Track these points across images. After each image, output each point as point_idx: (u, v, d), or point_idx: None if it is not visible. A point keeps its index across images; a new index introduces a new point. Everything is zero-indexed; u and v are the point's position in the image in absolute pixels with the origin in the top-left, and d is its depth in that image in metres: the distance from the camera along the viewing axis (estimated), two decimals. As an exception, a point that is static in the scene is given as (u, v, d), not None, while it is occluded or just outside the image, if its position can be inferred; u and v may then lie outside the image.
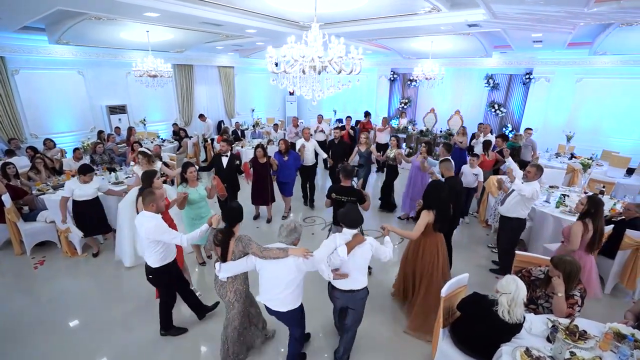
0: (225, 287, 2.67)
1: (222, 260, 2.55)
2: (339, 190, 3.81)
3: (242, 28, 6.13)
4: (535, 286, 2.75)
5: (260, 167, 5.35)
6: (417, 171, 5.50)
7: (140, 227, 2.82)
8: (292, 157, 5.63)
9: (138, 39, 7.12)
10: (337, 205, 3.84)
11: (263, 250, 2.41)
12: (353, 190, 3.79)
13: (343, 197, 3.74)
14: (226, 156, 5.14)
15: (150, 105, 10.22)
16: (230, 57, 11.72)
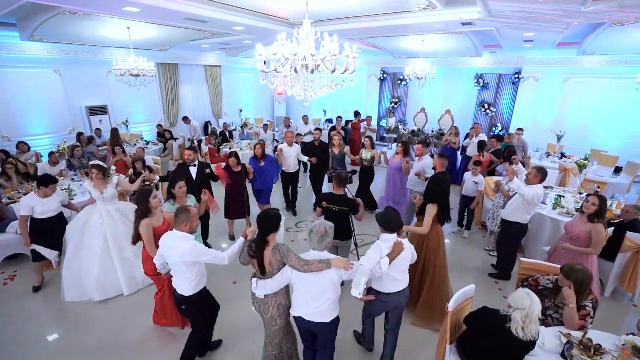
0: (267, 303, 2.44)
1: (261, 273, 2.39)
2: (331, 199, 3.47)
3: (229, 25, 5.87)
4: (544, 296, 2.62)
5: (235, 177, 4.82)
6: (396, 172, 5.28)
7: (173, 250, 2.48)
8: (269, 162, 5.20)
9: (119, 36, 6.76)
10: (328, 216, 3.47)
11: (304, 265, 2.24)
12: (346, 199, 3.48)
13: (335, 206, 3.41)
14: (194, 166, 4.53)
15: (133, 106, 9.80)
16: (217, 56, 11.38)
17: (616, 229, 3.77)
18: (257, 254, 2.34)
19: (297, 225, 5.66)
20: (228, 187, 4.83)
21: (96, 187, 3.87)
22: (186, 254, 2.45)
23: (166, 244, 2.56)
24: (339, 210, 3.41)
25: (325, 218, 3.45)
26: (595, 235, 3.15)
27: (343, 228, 3.48)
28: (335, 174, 3.67)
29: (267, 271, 2.35)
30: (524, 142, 7.14)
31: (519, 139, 7.08)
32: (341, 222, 3.43)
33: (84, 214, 3.93)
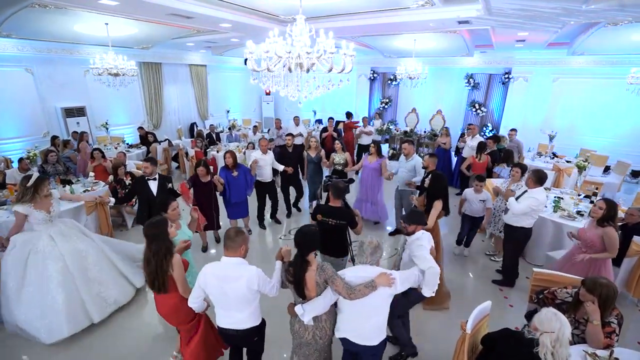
0: (313, 325, 2.23)
1: (300, 297, 2.20)
2: (327, 212, 3.16)
3: (215, 21, 5.55)
4: (562, 311, 2.44)
5: (203, 187, 4.44)
6: (373, 173, 5.19)
7: (235, 282, 2.08)
8: (243, 173, 4.71)
9: (96, 32, 6.32)
10: (323, 229, 3.02)
11: (350, 293, 2.08)
12: (343, 211, 3.18)
13: (330, 219, 3.11)
14: (154, 179, 3.94)
15: (113, 107, 9.29)
16: (202, 54, 10.97)
17: (621, 232, 3.68)
18: (298, 277, 2.14)
19: (290, 232, 5.39)
20: (196, 201, 4.34)
21: (38, 207, 3.13)
22: (254, 281, 2.10)
23: (220, 276, 2.11)
24: (335, 224, 3.12)
25: (321, 232, 3.18)
26: (607, 239, 3.10)
27: (338, 243, 3.24)
28: (331, 183, 3.37)
29: (311, 295, 2.17)
30: (519, 143, 7.08)
31: (513, 139, 7.03)
32: (337, 237, 3.19)
33: (21, 245, 3.15)
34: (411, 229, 2.72)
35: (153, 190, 3.94)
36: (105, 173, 5.81)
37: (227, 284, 2.11)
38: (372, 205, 5.35)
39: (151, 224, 2.37)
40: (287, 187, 5.73)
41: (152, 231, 2.35)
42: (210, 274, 2.14)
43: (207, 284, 2.14)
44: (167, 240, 2.37)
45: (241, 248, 2.16)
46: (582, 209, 4.57)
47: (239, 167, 4.67)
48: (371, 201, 5.34)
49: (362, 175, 5.42)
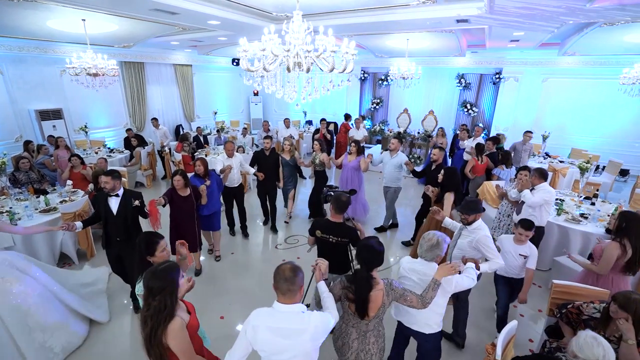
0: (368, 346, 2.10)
1: (360, 316, 2.01)
2: (327, 228, 2.81)
3: (203, 18, 5.22)
4: (590, 327, 2.29)
5: (182, 203, 3.77)
6: (354, 172, 5.25)
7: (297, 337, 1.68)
8: (215, 181, 4.34)
9: (72, 29, 5.88)
10: (322, 247, 2.87)
11: (425, 303, 2.05)
12: (345, 227, 2.79)
13: (331, 236, 2.78)
14: (116, 196, 3.26)
15: (93, 109, 8.78)
16: (187, 54, 10.55)
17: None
18: (364, 296, 1.96)
19: (287, 241, 5.12)
20: (174, 219, 3.80)
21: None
22: (320, 331, 1.73)
23: (278, 329, 1.68)
24: (336, 241, 2.78)
25: (318, 250, 2.91)
26: (604, 252, 2.79)
27: (340, 260, 2.91)
28: (332, 195, 3.07)
29: (373, 315, 2.02)
30: (531, 146, 6.89)
31: (527, 143, 6.78)
32: (338, 254, 2.85)
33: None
34: (471, 218, 2.81)
35: (112, 209, 3.22)
36: (84, 181, 5.38)
37: (287, 339, 1.67)
38: (355, 203, 5.34)
39: (158, 273, 1.75)
40: (262, 193, 5.36)
41: (159, 283, 1.71)
42: (264, 328, 1.67)
43: (258, 340, 1.68)
44: (174, 296, 1.77)
45: (300, 290, 1.76)
46: (584, 211, 4.50)
47: (210, 175, 4.28)
48: (355, 200, 5.29)
49: (343, 174, 5.39)
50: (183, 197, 3.78)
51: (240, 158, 5.03)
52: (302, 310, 1.73)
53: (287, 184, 5.44)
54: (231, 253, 4.74)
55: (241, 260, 4.61)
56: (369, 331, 2.08)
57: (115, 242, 3.30)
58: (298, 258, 4.54)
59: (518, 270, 3.08)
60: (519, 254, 3.03)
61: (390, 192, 5.18)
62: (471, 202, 2.83)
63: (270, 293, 1.84)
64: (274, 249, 4.92)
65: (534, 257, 3.00)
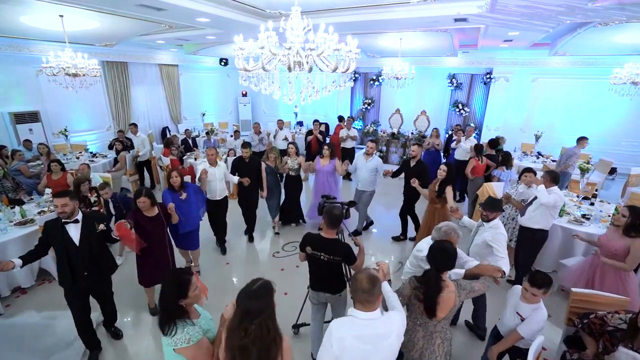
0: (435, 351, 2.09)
1: (428, 316, 2.04)
2: (318, 244, 2.55)
3: (191, 15, 4.95)
4: (615, 339, 2.19)
5: (150, 224, 3.22)
6: (329, 176, 5.09)
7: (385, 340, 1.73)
8: (193, 192, 3.87)
9: (49, 26, 5.50)
10: (313, 265, 2.66)
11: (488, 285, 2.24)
12: (339, 244, 2.56)
13: (322, 254, 2.51)
14: (75, 221, 2.69)
15: (73, 111, 8.31)
16: (173, 53, 10.17)
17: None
18: (433, 298, 1.98)
19: (284, 248, 4.91)
20: (143, 245, 3.17)
21: None
22: (402, 329, 1.80)
23: (365, 337, 1.67)
24: (328, 260, 2.50)
25: (309, 268, 2.68)
26: (633, 251, 2.90)
27: (334, 279, 2.67)
28: (325, 208, 2.86)
29: (443, 316, 2.03)
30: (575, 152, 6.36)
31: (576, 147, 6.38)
32: (331, 272, 2.62)
33: None
34: (492, 216, 2.92)
35: (74, 238, 2.68)
36: (64, 187, 5.04)
37: (375, 345, 1.67)
38: None
39: (257, 294, 1.58)
40: (243, 202, 5.00)
41: (258, 305, 1.55)
42: (350, 338, 1.65)
43: (346, 351, 1.65)
44: (274, 316, 1.61)
45: (379, 299, 1.71)
46: (584, 212, 4.48)
47: (187, 187, 3.82)
48: None
49: (317, 179, 5.22)
50: (150, 217, 3.22)
51: (224, 167, 4.60)
52: (382, 313, 1.75)
53: (274, 195, 5.10)
54: (226, 263, 4.50)
55: (238, 271, 4.37)
56: (436, 332, 2.08)
57: (82, 277, 2.75)
58: (297, 267, 4.34)
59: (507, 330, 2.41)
60: (517, 312, 2.34)
61: (366, 195, 5.06)
62: (495, 201, 2.99)
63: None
64: (272, 257, 4.69)
65: (531, 324, 2.22)
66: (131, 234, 2.93)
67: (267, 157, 5.04)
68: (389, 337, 1.69)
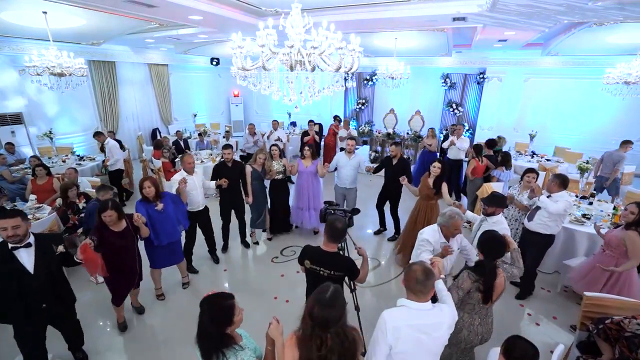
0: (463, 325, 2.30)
1: (484, 302, 2.21)
2: (318, 258, 2.36)
3: (183, 12, 4.77)
4: (633, 345, 2.14)
5: (120, 241, 2.92)
6: (312, 178, 4.96)
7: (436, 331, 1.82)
8: (170, 202, 3.53)
9: (31, 23, 5.25)
10: (312, 280, 2.45)
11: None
12: (340, 259, 2.39)
13: (322, 269, 2.33)
14: (26, 246, 2.30)
15: (58, 113, 7.99)
16: (162, 53, 9.90)
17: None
18: (491, 284, 2.16)
19: (283, 253, 4.77)
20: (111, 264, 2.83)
21: None
22: (453, 320, 1.86)
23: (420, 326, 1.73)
24: (329, 275, 2.32)
25: (307, 283, 2.53)
26: (629, 244, 2.91)
27: None
28: (326, 213, 2.72)
29: (495, 299, 2.24)
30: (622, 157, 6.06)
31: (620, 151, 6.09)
32: None
33: None
34: (490, 210, 3.03)
35: (27, 265, 2.27)
36: (50, 193, 4.81)
37: (428, 334, 1.74)
38: (313, 211, 5.04)
39: (332, 302, 1.50)
40: (227, 209, 4.62)
41: (335, 313, 1.49)
42: (406, 327, 1.70)
43: (401, 340, 1.70)
44: (346, 318, 1.57)
45: (431, 291, 1.79)
46: (584, 211, 4.47)
47: (163, 197, 3.48)
48: (313, 207, 5.03)
49: (299, 182, 5.05)
50: (117, 232, 2.88)
51: (202, 175, 4.24)
52: (435, 304, 1.81)
53: (261, 203, 4.80)
54: (224, 270, 4.34)
55: (235, 279, 4.21)
56: (488, 315, 2.33)
57: (39, 311, 2.38)
58: (298, 272, 4.21)
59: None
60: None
61: (353, 192, 5.07)
62: (498, 196, 3.10)
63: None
64: (271, 262, 4.54)
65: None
66: (97, 258, 2.54)
67: (255, 160, 4.69)
68: (441, 328, 1.75)
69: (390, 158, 4.96)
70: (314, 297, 1.55)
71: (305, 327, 1.51)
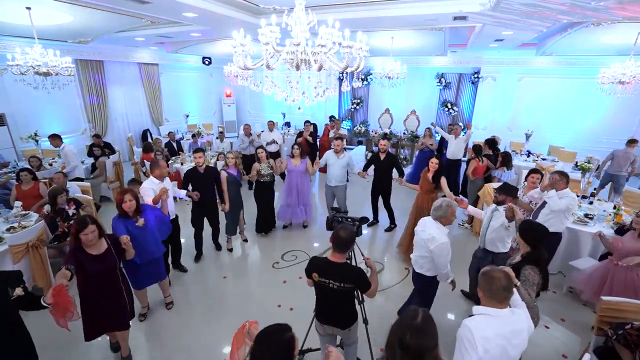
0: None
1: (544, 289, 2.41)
2: (326, 270, 2.22)
3: (178, 9, 4.58)
4: (656, 351, 2.08)
5: (100, 267, 2.47)
6: (300, 176, 5.07)
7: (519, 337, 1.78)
8: (152, 216, 3.16)
9: (14, 19, 4.98)
10: (321, 293, 2.34)
11: None
12: (350, 270, 2.24)
13: (331, 281, 2.19)
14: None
15: (44, 114, 7.67)
16: (152, 52, 9.63)
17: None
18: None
19: (284, 258, 4.63)
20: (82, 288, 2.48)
21: None
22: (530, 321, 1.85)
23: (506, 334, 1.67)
24: (338, 287, 2.18)
25: (317, 296, 2.38)
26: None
27: (344, 309, 2.34)
28: (333, 221, 2.61)
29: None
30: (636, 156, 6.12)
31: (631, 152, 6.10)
32: (341, 302, 2.30)
33: None
34: (501, 198, 3.13)
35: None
36: (37, 199, 4.57)
37: (512, 340, 1.67)
38: (303, 207, 5.26)
39: (426, 328, 1.36)
40: (199, 218, 4.34)
41: (430, 341, 1.35)
42: (494, 336, 1.63)
43: (490, 349, 1.61)
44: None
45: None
46: (586, 211, 4.47)
47: (143, 210, 3.11)
48: (302, 203, 5.24)
49: (289, 180, 5.15)
50: (97, 256, 2.43)
51: (169, 183, 3.89)
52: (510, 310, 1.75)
53: (236, 210, 4.59)
54: (223, 277, 4.17)
55: (238, 286, 4.05)
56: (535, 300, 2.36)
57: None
58: (300, 278, 4.08)
59: None
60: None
61: (341, 190, 5.17)
62: (510, 186, 3.26)
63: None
64: (272, 268, 4.39)
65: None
66: (70, 301, 2.08)
67: (226, 163, 4.40)
68: (523, 333, 1.72)
69: (379, 154, 5.08)
70: (402, 323, 1.40)
71: (392, 355, 1.34)
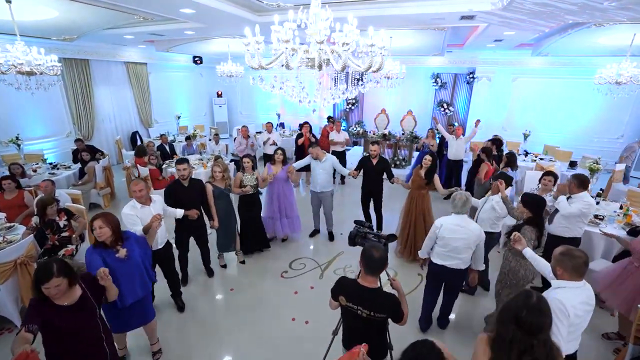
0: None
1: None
2: (354, 294, 2.00)
3: (175, 5, 4.32)
4: None
5: (73, 319, 1.93)
6: (283, 184, 4.68)
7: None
8: (136, 246, 2.59)
9: (-6, 15, 4.59)
10: (347, 319, 2.13)
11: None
12: (383, 297, 2.00)
13: (360, 308, 1.96)
14: None
15: (26, 116, 7.20)
16: (141, 50, 9.23)
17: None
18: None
19: (292, 266, 4.42)
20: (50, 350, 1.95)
21: None
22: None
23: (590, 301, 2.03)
24: (368, 315, 1.95)
25: (343, 321, 2.19)
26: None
27: (375, 343, 2.05)
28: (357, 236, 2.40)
29: None
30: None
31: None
32: (371, 334, 2.04)
33: None
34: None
35: None
36: (22, 208, 4.23)
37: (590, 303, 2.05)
38: (288, 219, 4.87)
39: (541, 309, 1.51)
40: (185, 239, 3.85)
41: (545, 319, 1.50)
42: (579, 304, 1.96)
43: (576, 315, 1.96)
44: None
45: None
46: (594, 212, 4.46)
47: (126, 238, 2.55)
48: (285, 216, 4.84)
49: (269, 189, 4.71)
50: (69, 307, 1.91)
51: (162, 202, 3.32)
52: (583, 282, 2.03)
53: (230, 224, 4.21)
54: (230, 289, 3.94)
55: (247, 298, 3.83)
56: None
57: None
58: (312, 287, 3.89)
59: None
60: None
61: (328, 196, 4.91)
62: (504, 175, 3.58)
63: None
64: (280, 278, 4.17)
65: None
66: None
67: (212, 176, 3.98)
68: (593, 300, 2.02)
69: (370, 157, 4.88)
70: (519, 301, 1.54)
71: (506, 331, 1.49)
